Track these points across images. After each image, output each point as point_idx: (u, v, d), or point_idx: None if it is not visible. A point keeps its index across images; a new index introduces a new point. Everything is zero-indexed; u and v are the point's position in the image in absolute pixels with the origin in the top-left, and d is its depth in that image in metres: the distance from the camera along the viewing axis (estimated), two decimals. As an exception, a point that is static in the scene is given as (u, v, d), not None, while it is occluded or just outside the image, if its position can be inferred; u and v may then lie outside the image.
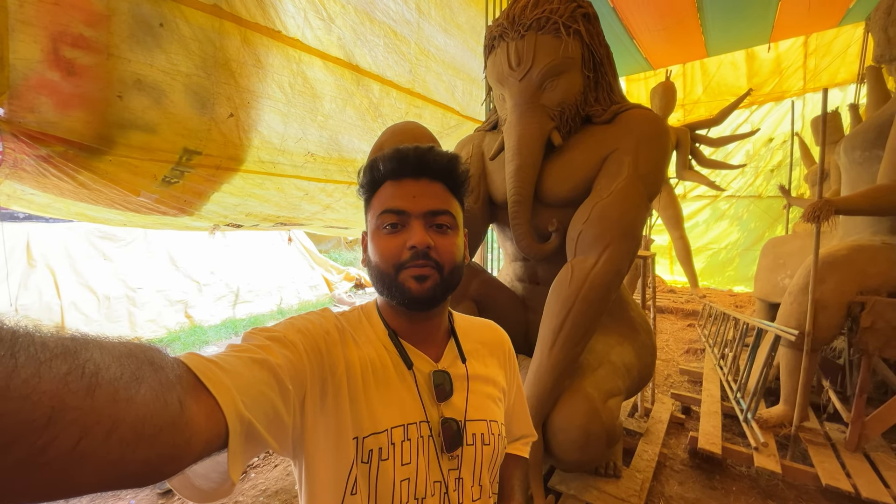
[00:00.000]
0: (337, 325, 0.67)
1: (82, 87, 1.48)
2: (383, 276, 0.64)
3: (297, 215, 2.93)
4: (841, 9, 4.41)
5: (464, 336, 0.76)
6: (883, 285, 2.09)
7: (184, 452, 0.38)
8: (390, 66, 2.54)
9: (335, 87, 2.32)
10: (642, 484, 1.88)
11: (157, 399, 0.35)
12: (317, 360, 0.60)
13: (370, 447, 0.60)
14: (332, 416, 0.60)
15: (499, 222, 2.08)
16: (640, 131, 1.71)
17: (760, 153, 6.32)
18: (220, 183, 2.17)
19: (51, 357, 0.29)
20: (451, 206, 0.68)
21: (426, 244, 0.62)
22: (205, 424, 0.40)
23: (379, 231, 0.66)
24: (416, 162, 0.66)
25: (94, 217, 2.32)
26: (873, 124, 2.37)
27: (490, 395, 0.74)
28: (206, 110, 1.83)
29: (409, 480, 0.62)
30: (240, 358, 0.49)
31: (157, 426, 0.34)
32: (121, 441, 0.32)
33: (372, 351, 0.66)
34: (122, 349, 0.36)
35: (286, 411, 0.52)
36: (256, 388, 0.48)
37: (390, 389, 0.65)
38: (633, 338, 1.91)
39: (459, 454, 0.66)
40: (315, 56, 2.18)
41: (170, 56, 1.65)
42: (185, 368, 0.42)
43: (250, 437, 0.46)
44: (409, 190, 0.65)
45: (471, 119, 3.34)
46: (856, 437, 2.08)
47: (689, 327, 4.91)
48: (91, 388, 0.30)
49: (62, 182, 1.76)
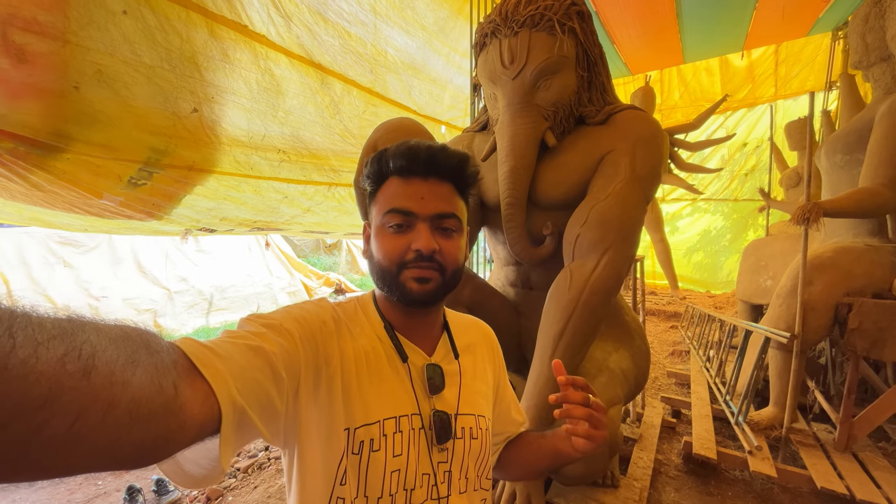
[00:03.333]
0: (333, 315, 0.67)
1: (35, 76, 1.33)
2: (384, 273, 0.65)
3: (276, 219, 2.79)
4: (810, 19, 4.56)
5: (455, 332, 0.77)
6: (867, 286, 2.12)
7: (177, 436, 0.38)
8: (350, 65, 2.51)
9: (299, 84, 2.25)
10: (640, 493, 1.83)
11: (152, 383, 0.35)
12: (312, 350, 0.60)
13: (361, 438, 0.61)
14: (325, 407, 0.60)
15: (490, 225, 2.01)
16: (636, 133, 1.67)
17: (735, 157, 6.49)
18: (193, 185, 2.03)
19: (48, 338, 0.29)
20: (458, 208, 0.68)
21: (432, 249, 0.62)
22: (199, 409, 0.40)
23: (384, 228, 0.65)
24: (427, 161, 0.65)
25: (49, 222, 2.13)
26: (854, 128, 2.42)
27: (479, 391, 0.75)
28: (169, 105, 1.70)
29: (400, 471, 0.62)
30: (235, 344, 0.49)
31: (151, 409, 0.35)
32: (116, 423, 0.32)
33: (367, 342, 0.67)
34: (119, 332, 0.36)
35: (279, 399, 0.53)
36: (251, 374, 0.48)
37: (383, 381, 0.65)
38: (628, 343, 1.87)
39: (450, 447, 0.67)
40: (281, 53, 2.10)
41: (133, 46, 1.52)
42: (181, 353, 0.42)
43: (242, 424, 0.46)
44: (418, 190, 0.65)
45: (430, 118, 3.33)
46: (845, 437, 2.09)
47: (671, 329, 4.96)
48: (87, 369, 0.30)
49: (11, 183, 1.59)
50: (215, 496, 2.08)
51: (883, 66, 2.42)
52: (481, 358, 0.79)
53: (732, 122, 6.37)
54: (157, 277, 4.82)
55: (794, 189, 4.21)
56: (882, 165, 2.15)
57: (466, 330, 0.81)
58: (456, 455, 0.68)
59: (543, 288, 1.76)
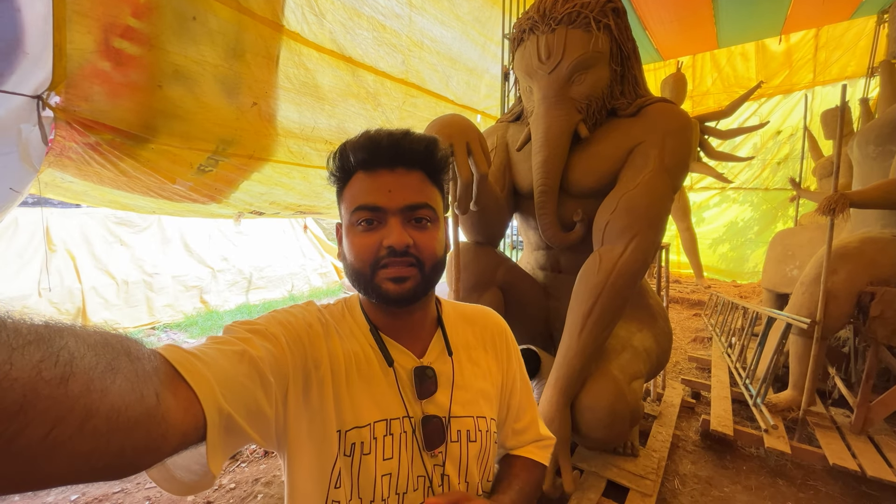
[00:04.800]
0: (320, 318, 0.66)
1: (130, 76, 1.54)
2: (359, 276, 0.62)
3: (318, 203, 3.00)
4: (854, 1, 4.41)
5: (453, 328, 0.73)
6: (893, 276, 2.16)
7: (160, 444, 0.37)
8: (382, 57, 2.64)
9: (333, 77, 2.43)
10: (658, 462, 1.97)
11: (132, 390, 0.34)
12: (299, 353, 0.59)
13: (352, 440, 0.60)
14: (316, 410, 0.60)
15: (522, 212, 2.13)
16: (665, 125, 1.76)
17: (767, 146, 6.33)
18: (251, 172, 2.23)
19: (24, 343, 0.28)
20: (431, 196, 0.64)
21: (405, 244, 0.59)
22: (182, 417, 0.39)
23: (353, 228, 0.62)
24: (391, 150, 0.61)
25: (125, 204, 2.37)
26: (889, 119, 2.42)
27: (479, 390, 0.71)
28: (233, 99, 1.91)
29: (391, 475, 0.61)
30: (220, 350, 0.48)
31: (131, 418, 0.34)
32: (94, 432, 0.31)
33: (356, 345, 0.65)
34: (98, 338, 0.34)
35: (268, 404, 0.52)
36: (237, 380, 0.47)
37: (373, 384, 0.64)
38: (651, 324, 1.99)
39: (443, 451, 0.65)
40: (313, 49, 2.28)
41: (199, 47, 1.73)
42: (163, 360, 0.41)
43: (230, 429, 0.45)
44: (385, 182, 0.61)
45: (467, 108, 3.42)
46: (861, 420, 2.17)
47: (694, 316, 5.00)
48: (65, 376, 0.29)
49: (104, 169, 1.81)
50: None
51: (923, 57, 2.41)
52: (484, 353, 0.75)
53: (766, 110, 6.20)
54: (202, 256, 5.17)
55: (828, 179, 4.14)
56: (914, 157, 2.17)
57: (468, 322, 0.76)
58: (452, 458, 0.66)
59: (572, 271, 1.89)
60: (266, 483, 2.08)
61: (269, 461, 2.28)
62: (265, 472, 2.17)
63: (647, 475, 1.86)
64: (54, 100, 1.40)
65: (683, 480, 2.02)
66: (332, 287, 6.72)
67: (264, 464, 2.26)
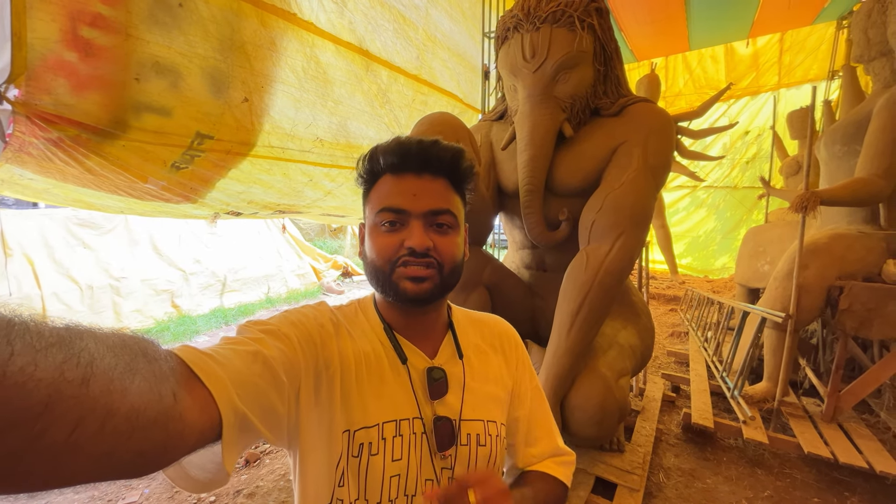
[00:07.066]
0: (332, 318, 0.67)
1: (100, 68, 1.44)
2: (378, 273, 0.63)
3: (298, 202, 2.91)
4: (816, 8, 4.61)
5: (463, 332, 0.74)
6: (859, 271, 2.26)
7: (177, 444, 0.38)
8: (398, 51, 2.54)
9: (346, 72, 2.31)
10: (644, 457, 2.00)
11: (151, 390, 0.35)
12: (311, 353, 0.60)
13: (360, 441, 0.60)
14: (325, 409, 0.60)
15: (507, 211, 2.13)
16: (648, 124, 1.78)
17: (736, 146, 6.58)
18: (228, 168, 2.14)
19: (47, 346, 0.29)
20: (453, 203, 0.65)
21: (425, 247, 0.60)
22: (198, 416, 0.40)
23: (377, 228, 0.64)
24: (419, 156, 0.63)
25: (91, 204, 2.25)
26: (852, 120, 2.54)
27: (490, 395, 0.71)
28: (221, 94, 1.80)
29: (400, 476, 0.61)
30: (234, 350, 0.49)
31: (150, 417, 0.34)
32: (115, 431, 0.32)
33: (367, 344, 0.66)
34: (116, 340, 0.35)
35: (281, 403, 0.53)
36: (251, 380, 0.48)
37: (384, 384, 0.64)
38: (635, 321, 2.02)
39: (453, 454, 0.65)
40: (328, 40, 2.16)
41: (188, 37, 1.62)
42: (179, 360, 0.42)
43: (245, 428, 0.47)
44: (410, 187, 0.63)
45: (471, 107, 3.36)
46: (832, 409, 2.27)
47: (671, 311, 5.14)
48: (86, 377, 0.30)
49: (68, 167, 1.70)
50: (253, 459, 2.26)
51: (883, 61, 2.53)
52: (495, 359, 0.75)
53: (735, 111, 6.44)
54: (172, 259, 4.94)
55: (794, 177, 4.33)
56: (877, 156, 2.27)
57: (479, 328, 0.77)
58: (461, 462, 0.65)
59: (557, 270, 1.90)
60: (248, 495, 2.00)
61: (250, 472, 2.20)
62: (247, 483, 2.09)
63: (633, 470, 1.89)
64: (13, 93, 1.30)
65: (668, 474, 2.06)
66: (311, 289, 6.57)
67: (245, 474, 2.18)
